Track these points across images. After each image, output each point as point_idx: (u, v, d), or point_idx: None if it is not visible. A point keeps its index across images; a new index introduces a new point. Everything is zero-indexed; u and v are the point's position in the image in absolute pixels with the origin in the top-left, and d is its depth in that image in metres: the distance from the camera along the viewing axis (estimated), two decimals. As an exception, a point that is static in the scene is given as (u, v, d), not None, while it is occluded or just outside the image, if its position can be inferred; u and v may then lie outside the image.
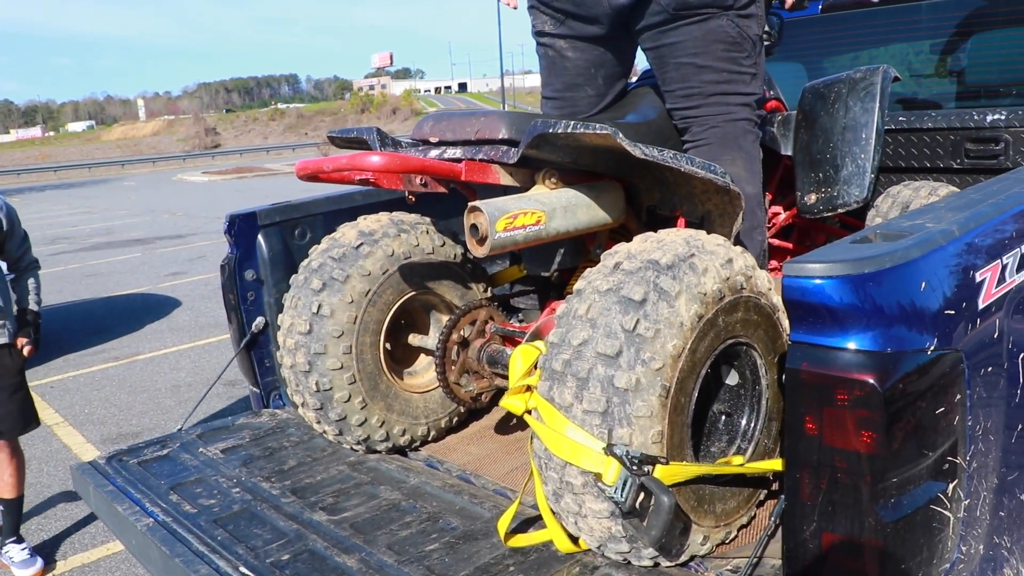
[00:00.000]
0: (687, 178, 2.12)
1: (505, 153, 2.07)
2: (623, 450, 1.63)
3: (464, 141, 2.18)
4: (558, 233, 2.07)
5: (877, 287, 1.34)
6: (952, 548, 1.47)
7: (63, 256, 13.93)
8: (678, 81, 2.43)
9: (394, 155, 1.96)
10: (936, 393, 1.40)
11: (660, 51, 2.42)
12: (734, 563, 1.83)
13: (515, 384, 1.93)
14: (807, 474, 1.41)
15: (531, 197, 2.04)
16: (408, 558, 1.92)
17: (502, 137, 2.09)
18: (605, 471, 1.63)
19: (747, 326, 1.86)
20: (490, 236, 1.89)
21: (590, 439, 1.67)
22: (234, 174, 34.07)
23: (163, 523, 2.17)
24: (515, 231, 1.94)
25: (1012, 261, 1.62)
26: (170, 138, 73.50)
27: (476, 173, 2.08)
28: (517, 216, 1.94)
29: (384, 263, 2.48)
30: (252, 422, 2.88)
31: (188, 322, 8.43)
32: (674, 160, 1.95)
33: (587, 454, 1.66)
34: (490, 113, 2.15)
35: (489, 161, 2.10)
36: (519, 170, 2.14)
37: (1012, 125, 3.11)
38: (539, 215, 1.99)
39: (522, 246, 2.01)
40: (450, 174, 2.04)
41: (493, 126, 2.10)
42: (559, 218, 2.05)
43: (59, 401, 6.15)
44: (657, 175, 2.26)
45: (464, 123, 2.18)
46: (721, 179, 2.05)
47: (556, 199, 2.07)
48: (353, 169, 1.95)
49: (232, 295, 2.85)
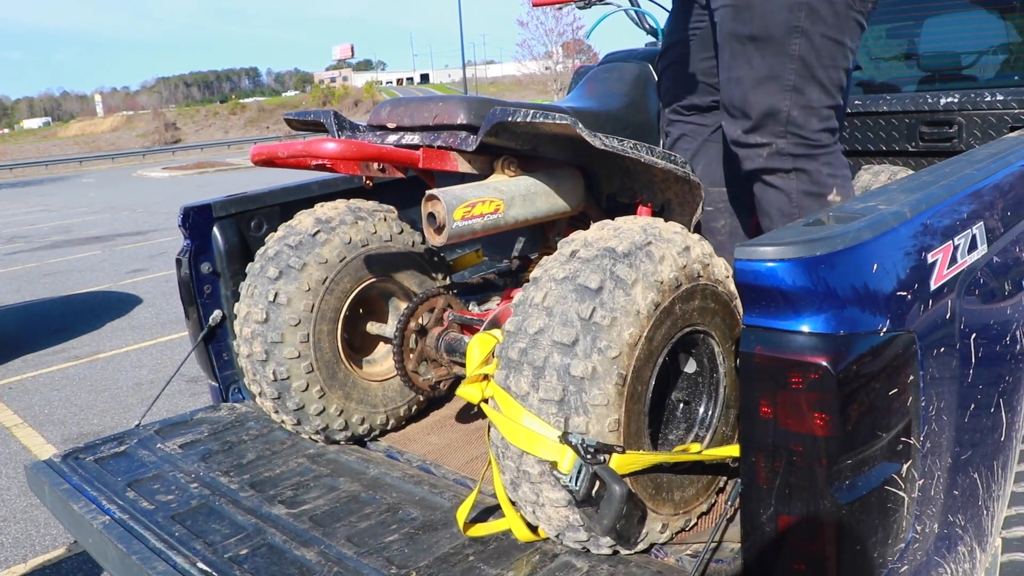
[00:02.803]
0: (647, 167, 2.12)
1: (464, 140, 2.05)
2: (578, 438, 1.62)
3: (422, 127, 2.15)
4: (516, 221, 2.05)
5: (829, 269, 1.34)
6: (907, 528, 1.48)
7: (20, 255, 13.71)
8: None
9: (350, 142, 1.94)
10: (889, 375, 1.40)
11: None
12: (693, 548, 1.83)
13: (472, 373, 1.92)
14: (762, 458, 1.41)
15: (489, 185, 2.03)
16: (367, 550, 1.91)
17: (460, 122, 2.07)
18: (560, 460, 1.63)
19: (704, 314, 1.86)
20: (448, 225, 1.87)
21: (546, 428, 1.66)
22: (195, 169, 33.75)
23: (120, 520, 2.13)
24: (473, 220, 1.92)
25: (964, 242, 1.63)
26: (129, 134, 72.58)
27: (434, 160, 2.06)
28: (475, 205, 1.93)
29: (341, 251, 2.46)
30: (211, 416, 2.85)
31: (149, 319, 8.33)
32: (634, 151, 1.95)
33: (543, 443, 1.66)
34: (449, 99, 2.13)
35: (447, 148, 2.08)
36: (478, 157, 2.12)
37: (965, 108, 3.14)
38: (498, 203, 1.97)
39: (480, 235, 2.00)
40: (408, 161, 2.02)
41: (452, 111, 2.08)
42: (518, 206, 2.04)
43: (18, 402, 6.05)
44: (617, 163, 2.25)
45: (422, 108, 2.16)
46: (681, 169, 2.05)
47: (515, 187, 2.05)
48: (308, 155, 1.93)
49: (188, 289, 2.82)
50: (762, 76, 2.17)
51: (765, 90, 2.18)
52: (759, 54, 2.16)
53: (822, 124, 2.20)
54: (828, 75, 2.16)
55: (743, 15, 2.16)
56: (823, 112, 2.19)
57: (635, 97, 2.64)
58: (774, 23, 2.11)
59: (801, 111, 2.18)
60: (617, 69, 2.72)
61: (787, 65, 2.14)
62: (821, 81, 2.16)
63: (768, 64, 2.16)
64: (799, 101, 2.17)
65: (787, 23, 2.10)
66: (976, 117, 3.14)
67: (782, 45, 2.13)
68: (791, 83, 2.15)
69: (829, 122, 2.21)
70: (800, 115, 2.18)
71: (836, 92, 2.20)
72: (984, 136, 3.13)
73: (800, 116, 2.18)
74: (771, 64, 2.15)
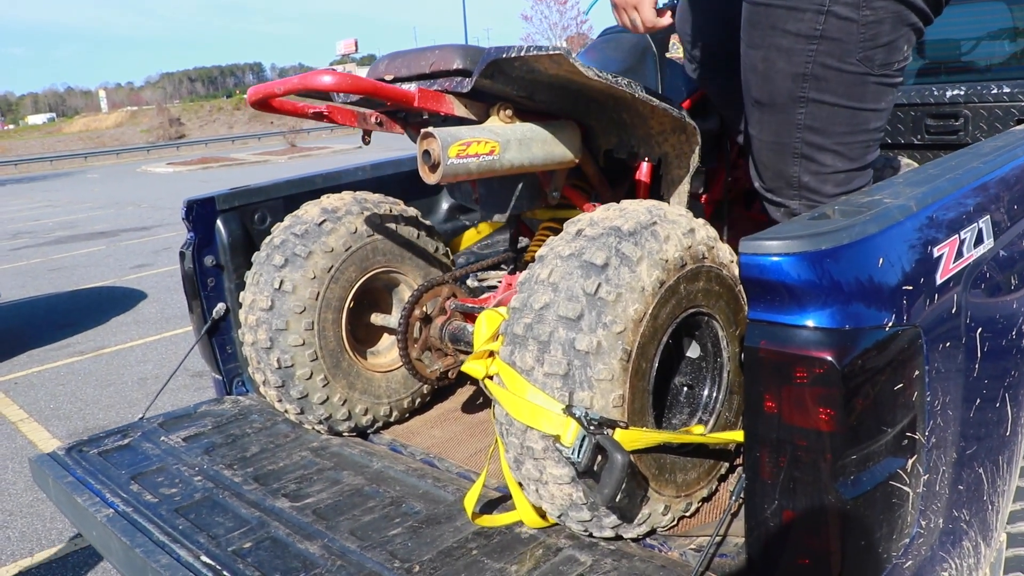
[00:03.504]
0: (644, 119, 2.14)
1: (459, 83, 2.05)
2: (581, 411, 1.64)
3: (419, 75, 2.16)
4: (512, 166, 2.05)
5: (835, 264, 1.33)
6: (912, 523, 1.48)
7: (25, 251, 13.73)
8: None
9: (346, 74, 1.93)
10: (895, 369, 1.40)
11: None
12: (697, 542, 1.83)
13: (479, 348, 1.93)
14: (767, 452, 1.40)
15: (486, 127, 2.03)
16: (371, 543, 1.91)
17: (456, 67, 2.07)
18: (563, 432, 1.64)
19: (709, 296, 1.88)
20: (442, 162, 1.87)
21: (550, 401, 1.68)
22: (199, 164, 33.73)
23: (123, 513, 2.14)
24: (468, 159, 1.92)
25: (970, 236, 1.63)
26: (133, 129, 72.58)
27: (430, 101, 2.05)
28: (471, 144, 1.92)
29: (347, 240, 2.48)
30: (214, 409, 2.85)
31: (154, 314, 8.33)
32: (628, 86, 1.95)
33: (546, 416, 1.67)
34: (445, 46, 2.14)
35: (443, 91, 2.08)
36: (474, 103, 2.12)
37: (971, 100, 3.13)
38: (493, 144, 1.97)
39: (475, 176, 1.99)
40: (403, 99, 2.00)
41: (447, 58, 2.09)
42: (513, 150, 2.03)
43: (23, 397, 6.06)
44: (614, 117, 2.27)
45: (419, 58, 2.16)
46: (676, 112, 2.05)
47: (511, 131, 2.06)
48: (304, 87, 1.91)
49: (192, 282, 2.82)
50: (770, 141, 2.07)
51: (775, 154, 2.07)
52: (766, 119, 2.06)
53: (839, 188, 2.05)
54: (843, 141, 2.00)
55: (749, 77, 2.05)
56: (839, 177, 2.04)
57: (632, 64, 2.63)
58: (777, 91, 1.99)
59: (813, 177, 2.05)
60: (615, 40, 2.72)
61: (793, 134, 2.01)
62: (833, 149, 2.01)
63: (774, 131, 2.05)
64: (809, 167, 2.04)
65: (790, 93, 1.97)
66: (982, 110, 3.12)
67: (787, 114, 2.00)
68: (799, 151, 2.03)
69: (848, 185, 2.05)
70: (813, 180, 2.05)
71: (857, 155, 2.04)
72: (990, 129, 3.11)
73: (813, 181, 2.05)
74: (777, 131, 2.04)
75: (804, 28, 1.89)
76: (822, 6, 1.86)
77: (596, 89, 2.05)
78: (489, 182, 2.39)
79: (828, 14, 1.87)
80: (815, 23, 1.88)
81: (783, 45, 1.93)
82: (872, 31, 1.89)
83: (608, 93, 2.08)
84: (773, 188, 2.14)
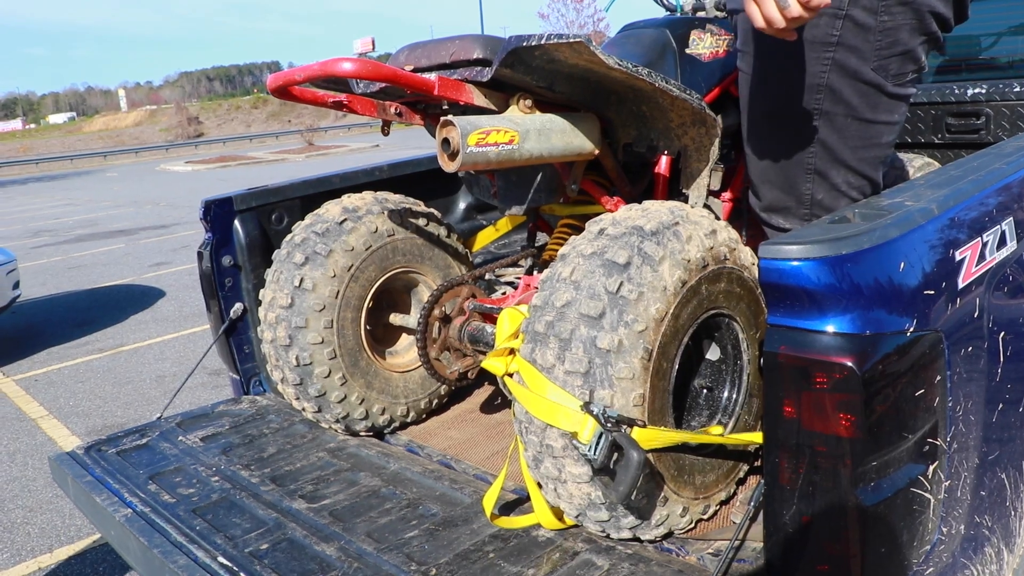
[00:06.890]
0: (664, 111, 2.13)
1: (479, 72, 2.04)
2: (599, 408, 1.64)
3: (439, 65, 2.15)
4: (531, 156, 2.03)
5: (855, 268, 1.32)
6: (933, 529, 1.46)
7: (46, 249, 13.83)
8: None
9: (366, 61, 1.92)
10: (916, 375, 1.38)
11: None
12: (715, 546, 1.82)
13: (500, 345, 1.92)
14: (786, 458, 1.39)
15: (505, 117, 2.02)
16: (387, 545, 1.91)
17: (476, 57, 2.06)
18: (580, 429, 1.64)
19: (729, 298, 1.88)
20: (461, 150, 1.85)
21: (568, 399, 1.67)
22: (217, 163, 33.91)
23: (141, 513, 2.14)
24: (487, 147, 1.90)
25: (993, 238, 1.61)
26: (152, 128, 73.04)
27: (449, 89, 2.03)
28: (490, 133, 1.91)
29: (367, 239, 2.49)
30: (232, 409, 2.86)
31: (172, 312, 8.37)
32: (648, 76, 1.93)
33: (564, 413, 1.67)
34: (465, 36, 2.13)
35: (463, 80, 2.07)
36: (494, 93, 2.11)
37: (993, 99, 3.10)
38: (513, 134, 1.95)
39: (494, 165, 1.97)
40: (422, 87, 1.99)
41: (468, 48, 2.08)
42: (533, 140, 2.01)
43: (43, 394, 6.10)
44: (633, 109, 2.25)
45: (439, 48, 2.15)
46: (696, 102, 2.03)
47: (531, 121, 2.04)
48: (324, 73, 1.90)
49: (210, 281, 2.83)
50: (781, 157, 1.99)
51: (785, 171, 2.00)
52: (777, 134, 1.98)
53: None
54: (857, 155, 1.94)
55: (759, 89, 1.98)
56: (853, 194, 1.98)
57: (652, 59, 2.62)
58: (791, 103, 1.91)
59: (828, 194, 1.98)
60: (635, 35, 2.70)
61: (807, 148, 1.94)
62: (848, 163, 1.95)
63: (785, 146, 1.97)
64: (823, 184, 1.97)
65: (805, 104, 1.90)
66: (1005, 108, 3.09)
67: (801, 127, 1.93)
68: (812, 166, 1.96)
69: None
70: (827, 198, 1.98)
71: (871, 169, 1.98)
72: (1013, 128, 3.08)
73: (827, 199, 1.98)
74: (788, 147, 1.96)
75: (819, 34, 1.84)
76: (839, 10, 1.81)
77: (616, 80, 2.04)
78: (507, 175, 2.38)
79: (846, 18, 1.82)
80: (831, 28, 1.83)
81: (797, 53, 1.87)
82: (889, 38, 1.84)
83: (628, 84, 2.07)
84: (779, 208, 2.07)
